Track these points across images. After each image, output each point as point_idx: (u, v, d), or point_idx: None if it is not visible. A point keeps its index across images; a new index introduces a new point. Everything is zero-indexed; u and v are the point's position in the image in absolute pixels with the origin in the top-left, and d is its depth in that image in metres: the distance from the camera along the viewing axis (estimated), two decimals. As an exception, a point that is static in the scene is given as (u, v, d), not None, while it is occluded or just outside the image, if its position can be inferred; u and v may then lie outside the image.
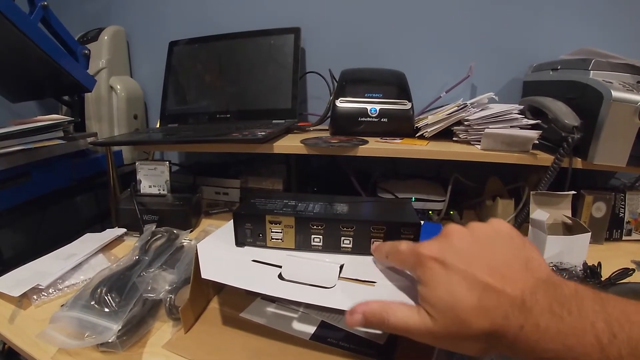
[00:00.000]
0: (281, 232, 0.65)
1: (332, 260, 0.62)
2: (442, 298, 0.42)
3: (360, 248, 0.64)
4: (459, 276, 0.42)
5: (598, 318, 0.35)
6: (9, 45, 1.14)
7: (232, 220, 0.69)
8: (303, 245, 0.65)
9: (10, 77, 1.38)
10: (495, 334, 0.39)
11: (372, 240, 0.63)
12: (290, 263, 0.61)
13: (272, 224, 0.65)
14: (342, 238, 0.64)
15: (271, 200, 0.70)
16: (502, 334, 0.39)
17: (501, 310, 0.39)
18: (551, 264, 0.76)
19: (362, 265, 0.60)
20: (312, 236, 0.64)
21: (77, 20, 1.77)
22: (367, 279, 0.56)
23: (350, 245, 0.64)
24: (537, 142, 0.93)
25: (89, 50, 1.37)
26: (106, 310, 0.64)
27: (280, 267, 0.61)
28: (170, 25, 1.65)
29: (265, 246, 0.66)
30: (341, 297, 0.54)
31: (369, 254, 0.62)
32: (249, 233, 0.67)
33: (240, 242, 0.68)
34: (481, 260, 0.43)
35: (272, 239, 0.66)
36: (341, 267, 0.60)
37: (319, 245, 0.64)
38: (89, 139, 1.31)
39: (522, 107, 1.01)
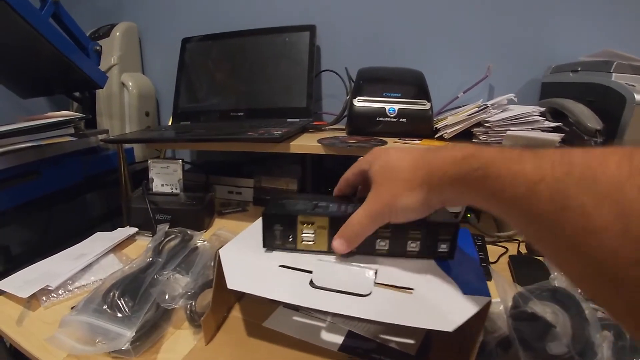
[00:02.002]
0: (313, 234, 0.61)
1: (365, 261, 0.59)
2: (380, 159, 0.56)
3: (397, 250, 0.59)
4: (397, 152, 0.55)
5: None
6: (20, 41, 1.14)
7: (251, 223, 0.67)
8: None
9: (20, 73, 1.37)
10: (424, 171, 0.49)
11: (409, 242, 0.59)
12: (321, 268, 0.58)
13: (304, 224, 0.61)
14: (378, 240, 0.59)
15: (300, 201, 0.66)
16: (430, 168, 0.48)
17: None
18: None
19: (397, 269, 0.57)
20: None
21: (89, 16, 1.77)
22: (404, 286, 0.53)
23: (386, 248, 0.59)
24: (559, 145, 0.90)
25: (101, 47, 1.37)
26: (119, 315, 0.63)
27: (310, 272, 0.57)
28: (183, 21, 1.64)
29: (295, 249, 0.62)
30: (381, 308, 0.50)
31: (406, 256, 0.59)
32: (279, 235, 0.62)
33: (268, 244, 0.63)
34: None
35: (304, 241, 0.61)
36: (376, 272, 0.57)
37: None
38: (101, 137, 1.30)
39: (543, 109, 0.98)
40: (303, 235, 0.61)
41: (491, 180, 0.38)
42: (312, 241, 0.61)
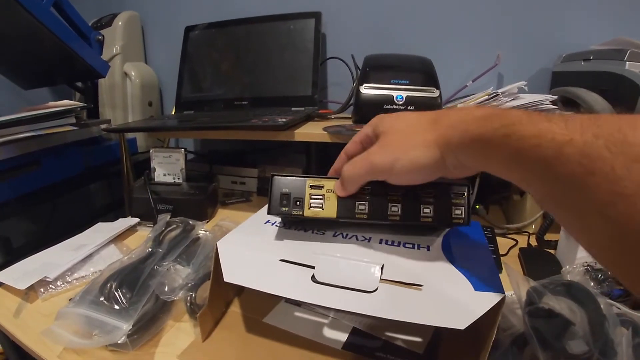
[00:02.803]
0: (322, 199, 0.58)
1: (370, 257, 0.56)
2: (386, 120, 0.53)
3: (410, 216, 0.57)
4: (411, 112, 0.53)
5: None
6: (21, 31, 1.13)
7: (252, 215, 0.66)
8: (346, 213, 0.58)
9: (22, 63, 1.36)
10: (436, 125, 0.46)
11: (422, 206, 0.56)
12: (324, 263, 0.55)
13: (313, 188, 0.59)
14: (390, 205, 0.57)
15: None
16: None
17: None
18: (585, 264, 0.72)
19: (404, 265, 0.54)
20: (357, 203, 0.57)
21: (91, 5, 1.76)
22: (412, 282, 0.50)
23: (399, 213, 0.57)
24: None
25: (103, 36, 1.35)
26: (116, 307, 0.61)
27: (312, 267, 0.55)
28: (186, 9, 1.63)
29: (302, 215, 0.59)
30: (388, 304, 0.48)
31: (419, 222, 0.56)
32: (286, 199, 0.59)
33: (273, 209, 0.60)
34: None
35: (312, 206, 0.59)
36: (382, 267, 0.54)
37: (364, 213, 0.57)
38: (102, 126, 1.29)
39: (554, 97, 0.96)
40: (311, 200, 0.59)
41: (515, 139, 0.36)
42: (321, 207, 0.58)
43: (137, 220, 1.04)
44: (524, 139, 0.35)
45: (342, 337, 0.60)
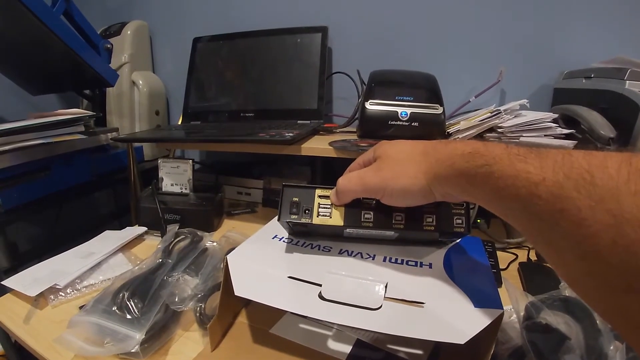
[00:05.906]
0: (330, 208, 0.61)
1: (374, 274, 0.58)
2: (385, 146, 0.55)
3: (413, 225, 0.59)
4: (407, 141, 0.54)
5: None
6: (31, 37, 1.14)
7: (260, 225, 0.66)
8: (352, 222, 0.60)
9: (31, 70, 1.37)
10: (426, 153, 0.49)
11: (425, 215, 0.58)
12: (330, 281, 0.57)
13: (321, 198, 0.61)
14: (394, 214, 0.59)
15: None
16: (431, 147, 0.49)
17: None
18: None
19: (407, 283, 0.56)
20: (363, 212, 0.60)
21: (100, 14, 1.78)
22: (414, 300, 0.52)
23: (402, 222, 0.59)
24: (568, 150, 0.89)
25: (112, 45, 1.36)
26: (128, 316, 0.62)
27: (319, 285, 0.57)
28: (194, 20, 1.64)
29: (310, 223, 0.61)
30: (391, 321, 0.50)
31: (422, 230, 0.58)
32: (295, 207, 0.62)
33: (283, 217, 0.62)
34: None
35: (320, 214, 0.61)
36: (386, 286, 0.56)
37: (369, 222, 0.59)
38: (111, 135, 1.30)
39: (555, 115, 0.96)
40: (320, 208, 0.61)
41: (495, 179, 0.38)
42: (329, 215, 0.60)
43: (144, 229, 1.05)
44: (502, 179, 0.37)
45: (346, 348, 0.61)
